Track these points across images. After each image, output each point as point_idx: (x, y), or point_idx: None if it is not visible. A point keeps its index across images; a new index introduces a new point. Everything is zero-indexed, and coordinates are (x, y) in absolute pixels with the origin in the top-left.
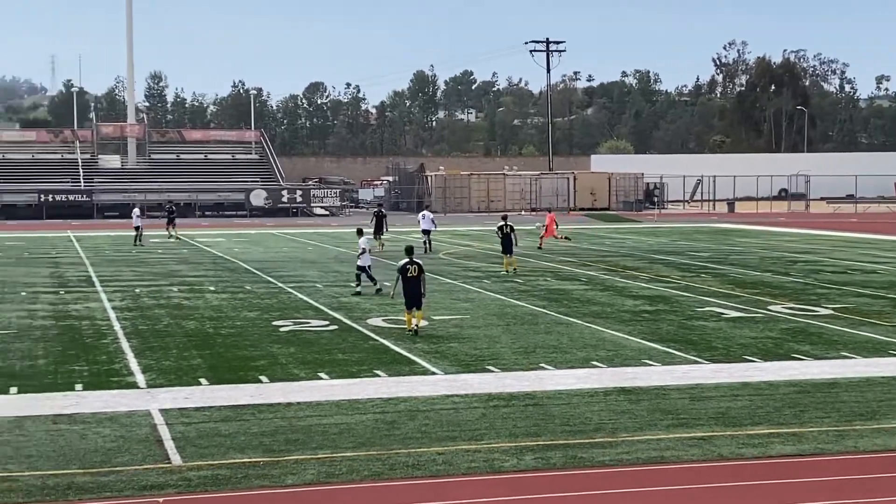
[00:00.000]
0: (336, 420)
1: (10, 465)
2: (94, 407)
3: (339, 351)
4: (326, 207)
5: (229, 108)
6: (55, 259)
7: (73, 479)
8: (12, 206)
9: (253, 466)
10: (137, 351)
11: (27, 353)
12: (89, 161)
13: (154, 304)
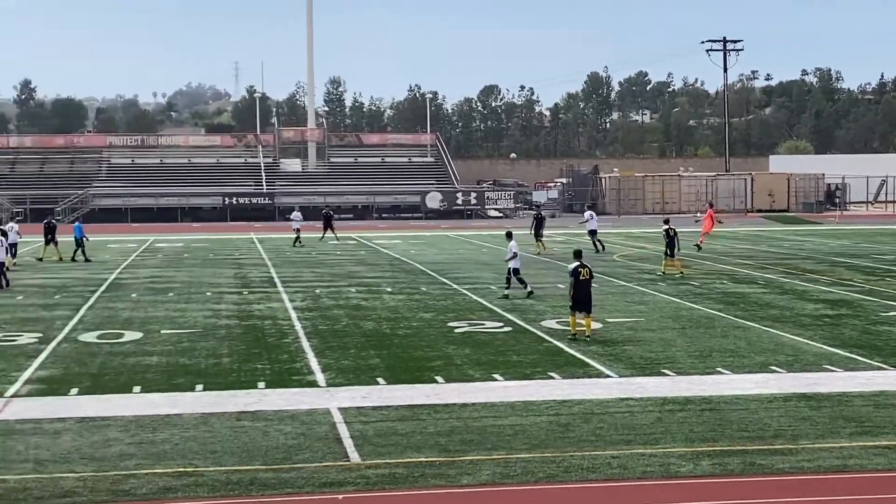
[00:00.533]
0: (510, 421)
1: (196, 460)
2: (276, 405)
3: (513, 353)
4: (500, 209)
5: (406, 111)
6: (238, 260)
7: (256, 474)
8: (198, 209)
9: (429, 465)
10: (317, 350)
11: (212, 352)
12: (271, 165)
13: (333, 305)
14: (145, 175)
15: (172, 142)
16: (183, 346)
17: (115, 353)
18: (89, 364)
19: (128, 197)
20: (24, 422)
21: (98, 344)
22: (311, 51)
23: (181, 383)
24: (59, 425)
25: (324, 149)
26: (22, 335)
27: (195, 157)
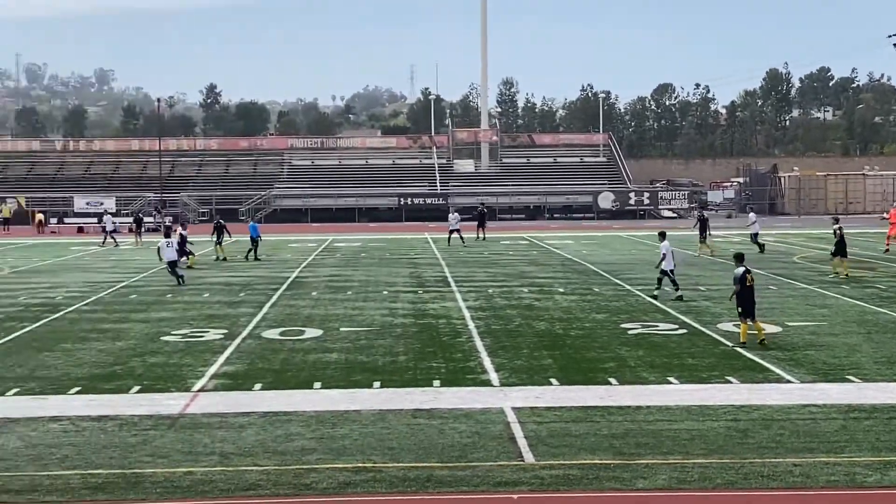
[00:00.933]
0: (686, 425)
1: (374, 456)
2: (451, 403)
3: (688, 355)
4: (674, 210)
5: (578, 111)
6: (414, 260)
7: (432, 472)
8: (374, 209)
9: (604, 468)
10: (490, 350)
11: (389, 350)
12: (445, 166)
13: (506, 305)
14: (324, 176)
15: (350, 144)
16: (361, 344)
17: (296, 349)
18: (272, 360)
19: (308, 197)
20: (211, 415)
21: (280, 341)
22: (485, 52)
23: (359, 380)
24: (244, 419)
25: (496, 149)
26: (208, 331)
27: (372, 159)
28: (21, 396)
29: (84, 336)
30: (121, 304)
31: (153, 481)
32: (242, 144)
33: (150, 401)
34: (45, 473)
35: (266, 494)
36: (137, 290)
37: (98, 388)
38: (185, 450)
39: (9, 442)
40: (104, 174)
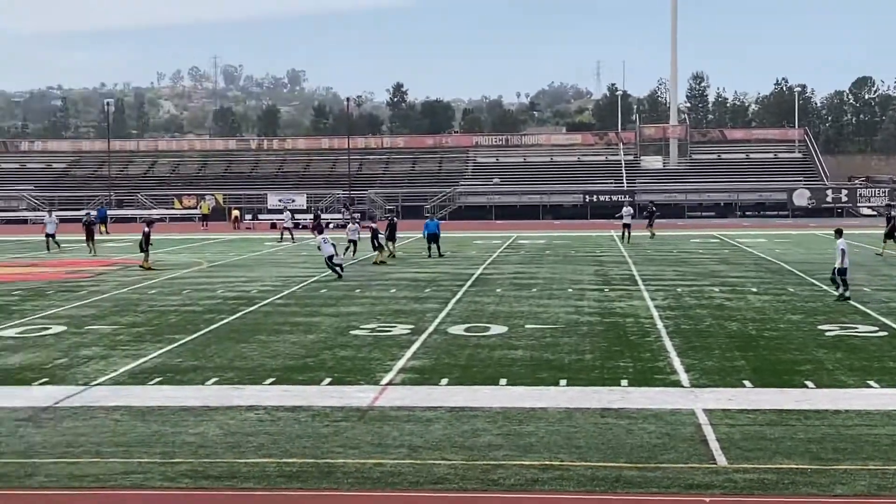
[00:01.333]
0: (888, 430)
1: (560, 454)
2: (639, 403)
3: (889, 359)
4: (874, 207)
5: (771, 105)
6: (599, 258)
7: (621, 472)
8: (559, 206)
9: (800, 473)
10: (680, 350)
11: (574, 348)
12: (632, 162)
13: (695, 304)
14: (509, 173)
15: (535, 141)
16: (546, 342)
17: (481, 345)
18: (458, 356)
19: (492, 195)
20: (398, 409)
21: (466, 337)
22: (674, 46)
23: (545, 378)
24: (431, 414)
25: (685, 145)
26: (396, 326)
27: (557, 156)
28: (220, 386)
29: (278, 329)
30: (312, 299)
31: (345, 472)
32: (428, 142)
33: (341, 393)
34: (243, 461)
35: (454, 488)
36: (328, 285)
37: (291, 379)
38: (374, 441)
39: (208, 430)
40: (296, 172)
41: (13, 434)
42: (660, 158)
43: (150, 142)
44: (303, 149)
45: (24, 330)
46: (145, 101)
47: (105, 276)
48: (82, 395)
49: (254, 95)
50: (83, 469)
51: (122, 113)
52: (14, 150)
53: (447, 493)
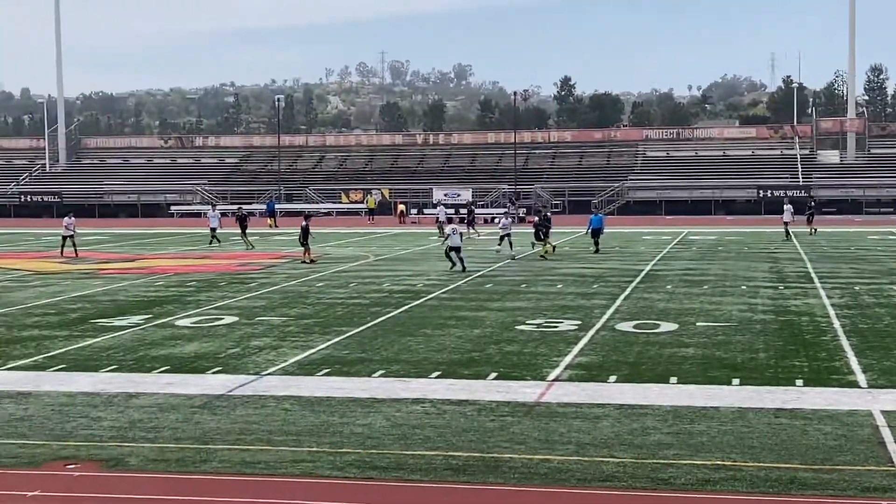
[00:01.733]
0: None
1: (733, 454)
2: (815, 403)
3: None
4: None
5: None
6: (773, 254)
7: (796, 473)
8: (731, 202)
9: None
10: (857, 350)
11: (748, 346)
12: (808, 156)
13: (874, 303)
14: (679, 168)
15: (707, 134)
16: (718, 339)
17: (651, 342)
18: (626, 353)
19: (662, 189)
20: (565, 405)
21: (635, 333)
22: (852, 38)
23: (717, 376)
24: (599, 411)
25: (863, 139)
26: (562, 322)
27: (729, 150)
28: (386, 378)
29: (443, 323)
30: (477, 293)
31: (511, 466)
32: (596, 136)
33: (507, 388)
34: (410, 453)
35: (623, 486)
36: (493, 280)
37: (457, 373)
38: (541, 437)
39: (376, 421)
40: (461, 166)
41: (189, 420)
42: (836, 153)
43: (318, 137)
44: (469, 143)
45: (198, 320)
46: (314, 96)
47: (274, 269)
48: (254, 385)
49: (420, 90)
50: (255, 456)
51: (292, 109)
52: (189, 145)
53: (616, 491)
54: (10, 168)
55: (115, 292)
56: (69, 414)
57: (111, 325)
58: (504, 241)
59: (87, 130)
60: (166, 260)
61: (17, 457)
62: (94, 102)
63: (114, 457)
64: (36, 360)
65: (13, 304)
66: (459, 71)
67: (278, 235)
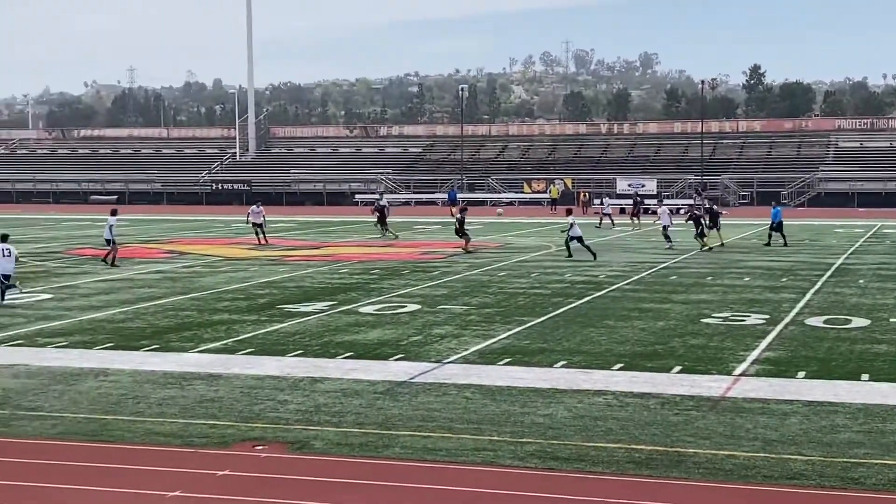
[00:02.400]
0: None
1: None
2: None
3: None
4: None
5: None
6: None
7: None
8: None
9: None
10: None
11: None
12: None
13: None
14: (873, 159)
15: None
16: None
17: (842, 338)
18: (816, 348)
19: (854, 181)
20: (752, 401)
21: (825, 329)
22: None
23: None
24: (787, 407)
25: None
26: (749, 316)
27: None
28: (567, 369)
29: (626, 314)
30: (661, 285)
31: (695, 461)
32: (786, 126)
33: (691, 382)
34: (591, 444)
35: (811, 485)
36: (677, 272)
37: (640, 365)
38: (726, 433)
39: (557, 412)
40: (646, 156)
41: (372, 406)
42: None
43: (501, 126)
44: (654, 133)
45: (381, 307)
46: (497, 86)
47: (456, 258)
48: (435, 372)
49: (604, 79)
50: (436, 443)
51: (475, 98)
52: (373, 134)
53: (804, 490)
54: (202, 156)
55: (301, 279)
56: (257, 396)
57: (297, 310)
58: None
59: (275, 120)
60: (350, 248)
61: (208, 437)
62: (283, 93)
63: (299, 439)
64: (226, 343)
65: (205, 288)
66: (645, 59)
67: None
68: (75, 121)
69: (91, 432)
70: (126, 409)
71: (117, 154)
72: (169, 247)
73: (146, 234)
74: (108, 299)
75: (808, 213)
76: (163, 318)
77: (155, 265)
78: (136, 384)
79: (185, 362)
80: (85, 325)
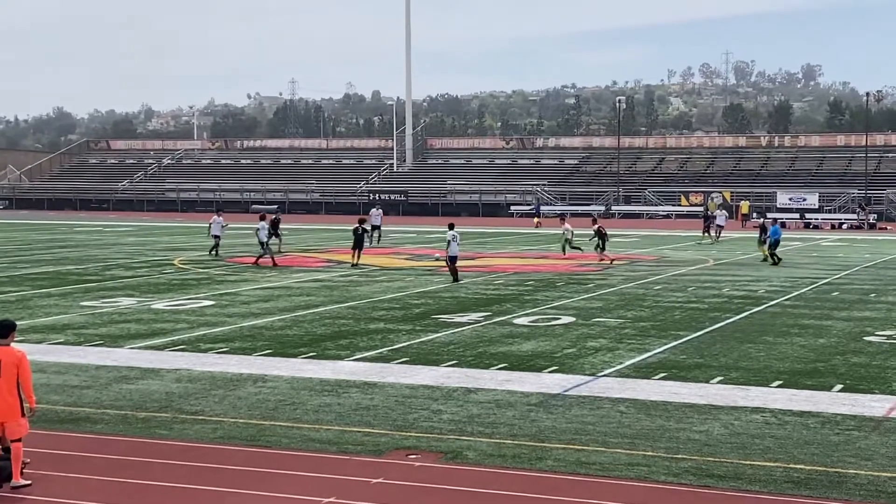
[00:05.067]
0: None
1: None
2: None
3: None
4: None
5: None
6: None
7: None
8: None
9: None
10: None
11: None
12: None
13: None
14: None
15: None
16: None
17: None
18: None
19: None
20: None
21: None
22: None
23: None
24: None
25: None
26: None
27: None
28: (724, 385)
29: (786, 330)
30: (822, 301)
31: (856, 483)
32: None
33: (853, 401)
34: (748, 462)
35: None
36: (839, 288)
37: (799, 383)
38: (889, 454)
39: (713, 428)
40: (808, 170)
41: (525, 418)
42: None
43: (658, 139)
44: (816, 146)
45: (536, 319)
46: (655, 98)
47: (612, 271)
48: (589, 385)
49: (765, 91)
50: (589, 457)
51: (632, 110)
52: (530, 146)
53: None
54: (360, 167)
55: (456, 289)
56: (411, 405)
57: (452, 321)
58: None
59: (432, 131)
60: (505, 259)
61: (363, 444)
62: (440, 104)
63: (453, 449)
64: (381, 351)
65: (361, 297)
66: (808, 71)
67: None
68: (238, 132)
69: (249, 437)
70: (283, 415)
71: (278, 164)
72: (327, 255)
73: (304, 242)
74: (267, 307)
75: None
76: (320, 326)
77: (313, 274)
78: (294, 391)
79: (341, 370)
80: (245, 331)
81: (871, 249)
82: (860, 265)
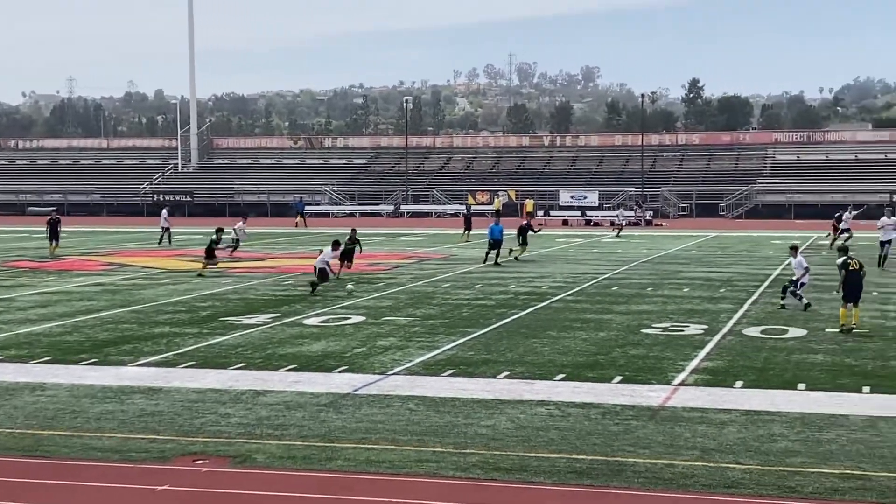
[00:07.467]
0: None
1: (863, 464)
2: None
3: None
4: None
5: None
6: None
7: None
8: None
9: None
10: None
11: (880, 354)
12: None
13: None
14: (810, 171)
15: (838, 137)
16: (848, 346)
17: (779, 348)
18: (753, 358)
19: (791, 193)
20: (691, 410)
21: (762, 338)
22: None
23: (846, 384)
24: (725, 416)
25: None
26: (688, 326)
27: (862, 153)
28: (511, 380)
29: (568, 325)
30: (603, 296)
31: (635, 471)
32: (724, 139)
33: (632, 391)
34: (533, 455)
35: (749, 493)
36: (618, 283)
37: (581, 375)
38: (665, 442)
39: (500, 423)
40: (588, 168)
41: (315, 418)
42: None
43: (445, 138)
44: (596, 145)
45: (326, 319)
46: (441, 98)
47: (401, 269)
48: (379, 384)
49: (547, 92)
50: (379, 455)
51: (420, 110)
52: (318, 146)
53: (742, 498)
54: (143, 167)
55: (245, 291)
56: (198, 410)
57: (240, 322)
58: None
59: (218, 131)
60: (295, 259)
61: (147, 451)
62: (226, 103)
63: (241, 453)
64: (166, 356)
65: (145, 300)
66: (587, 73)
67: (304, 235)
68: (13, 131)
69: (26, 447)
70: (63, 424)
71: (56, 165)
72: (108, 259)
73: (85, 245)
74: (45, 312)
75: (746, 224)
76: (102, 332)
77: (94, 277)
78: (74, 398)
79: (124, 376)
80: (21, 338)
81: (647, 245)
82: (638, 260)
